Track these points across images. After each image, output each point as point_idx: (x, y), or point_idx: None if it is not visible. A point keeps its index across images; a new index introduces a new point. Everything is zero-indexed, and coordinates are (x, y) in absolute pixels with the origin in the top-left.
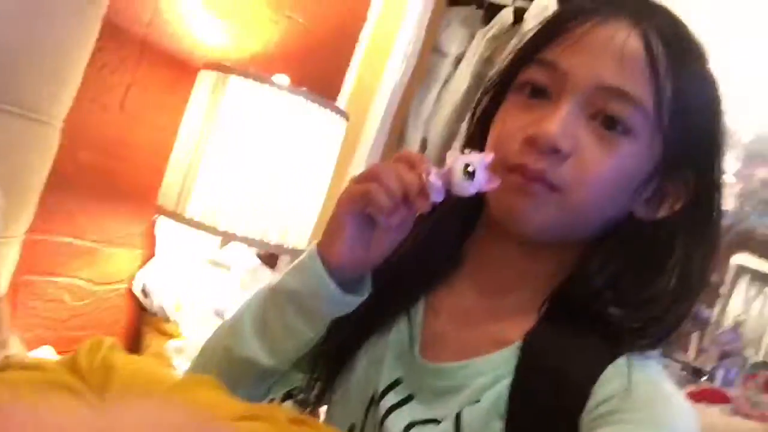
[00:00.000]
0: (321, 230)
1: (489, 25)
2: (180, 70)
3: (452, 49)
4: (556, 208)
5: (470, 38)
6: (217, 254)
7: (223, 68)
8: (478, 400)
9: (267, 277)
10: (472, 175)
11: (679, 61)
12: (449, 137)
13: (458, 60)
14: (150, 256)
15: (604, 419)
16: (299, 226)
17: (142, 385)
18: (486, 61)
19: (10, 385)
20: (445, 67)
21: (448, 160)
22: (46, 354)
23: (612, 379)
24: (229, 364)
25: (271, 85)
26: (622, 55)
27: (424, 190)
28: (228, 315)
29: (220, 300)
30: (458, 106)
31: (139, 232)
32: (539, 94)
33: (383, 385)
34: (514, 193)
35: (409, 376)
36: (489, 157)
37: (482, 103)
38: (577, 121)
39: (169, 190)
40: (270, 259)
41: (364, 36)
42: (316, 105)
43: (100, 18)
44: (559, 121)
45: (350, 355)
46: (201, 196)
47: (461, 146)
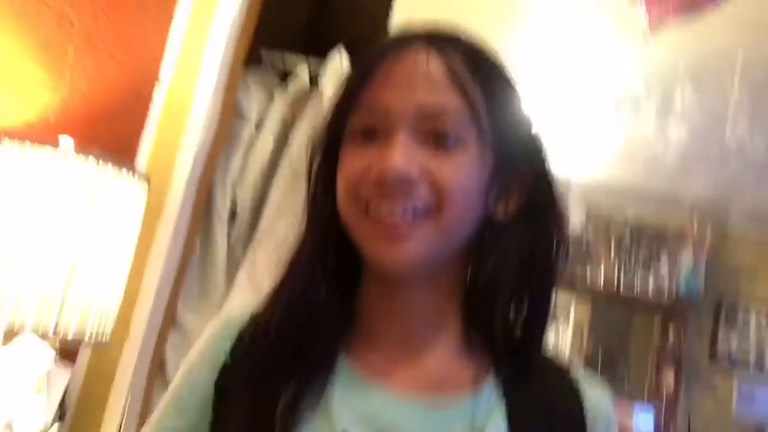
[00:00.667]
0: (127, 313)
1: (287, 87)
2: None
3: (252, 112)
4: (431, 230)
5: (269, 100)
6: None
7: None
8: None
9: (65, 378)
10: None
11: (481, 70)
12: (258, 201)
13: (259, 123)
14: None
15: None
16: (100, 310)
17: None
18: (287, 124)
19: None
20: (248, 130)
21: None
22: None
23: (591, 398)
24: None
25: (55, 148)
26: (428, 76)
27: None
28: (18, 427)
29: (10, 409)
30: (265, 169)
31: None
32: (370, 136)
33: None
34: (386, 243)
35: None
36: None
37: (315, 163)
38: (414, 148)
39: None
40: (69, 354)
41: (158, 98)
42: (109, 167)
43: None
44: (399, 153)
45: None
46: None
47: (305, 208)
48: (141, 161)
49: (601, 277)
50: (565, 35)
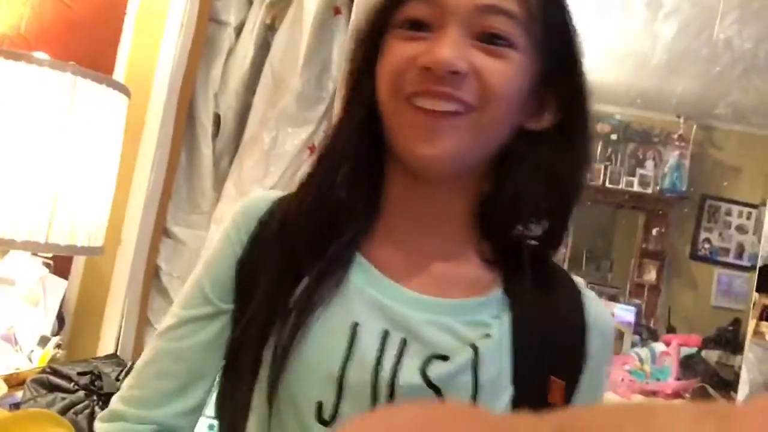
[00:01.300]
0: (117, 223)
1: None
2: None
3: (231, 18)
4: (470, 129)
5: (248, 5)
6: None
7: None
8: (488, 335)
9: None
10: None
11: None
12: (241, 110)
13: (239, 29)
14: None
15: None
16: (90, 220)
17: None
18: (267, 29)
19: None
20: (227, 37)
21: None
22: None
23: (593, 313)
24: None
25: (28, 62)
26: None
27: None
28: (20, 337)
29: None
30: (246, 77)
31: None
32: (420, 27)
33: (376, 345)
34: (424, 136)
35: (395, 322)
36: None
37: (358, 55)
38: (465, 44)
39: None
40: (62, 265)
41: (133, 8)
42: (88, 80)
43: None
44: (450, 46)
45: (296, 341)
46: None
47: (343, 98)
48: (119, 73)
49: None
50: None
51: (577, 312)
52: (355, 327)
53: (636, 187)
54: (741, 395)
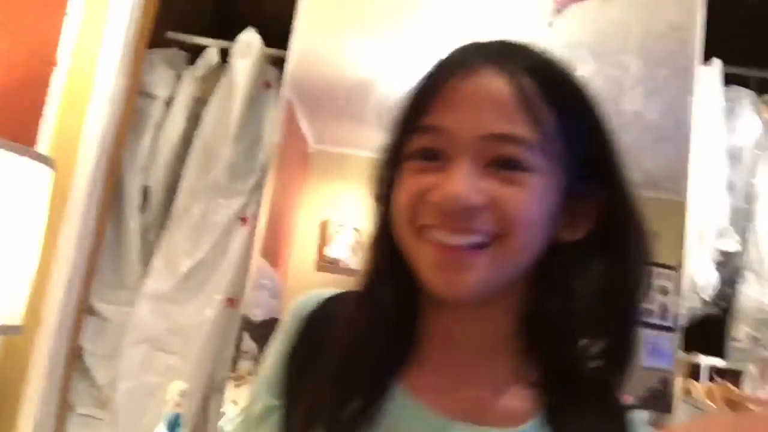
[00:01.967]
0: (37, 301)
1: (195, 66)
2: None
3: (160, 92)
4: (493, 260)
5: (177, 79)
6: None
7: None
8: None
9: None
10: None
11: (552, 91)
12: (171, 182)
13: (168, 102)
14: None
15: None
16: (9, 298)
17: None
18: (197, 102)
19: None
20: (156, 111)
21: None
22: None
23: None
24: None
25: None
26: (497, 102)
27: None
28: None
29: None
30: (175, 149)
31: None
32: (432, 157)
33: None
34: (445, 271)
35: None
36: None
37: (379, 181)
38: (477, 174)
39: None
40: None
41: (58, 79)
42: (10, 152)
43: None
44: (462, 179)
45: None
46: None
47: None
48: (43, 146)
49: None
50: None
51: None
52: None
53: None
54: None
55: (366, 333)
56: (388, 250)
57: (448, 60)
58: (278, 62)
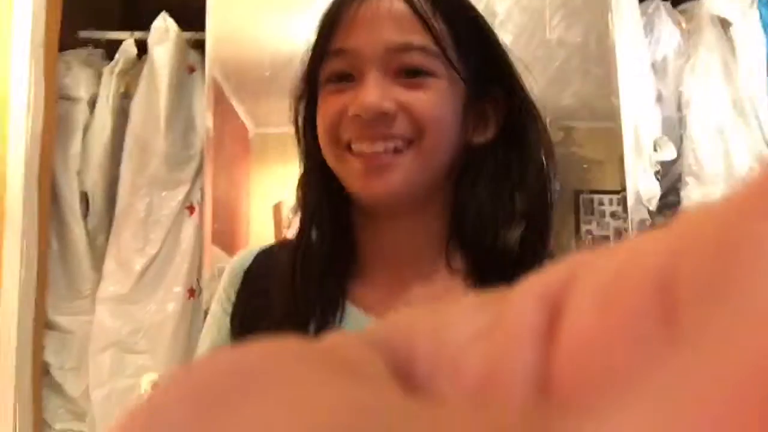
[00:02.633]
0: None
1: (114, 61)
2: None
3: (82, 93)
4: (413, 160)
5: (97, 78)
6: None
7: None
8: None
9: None
10: None
11: (441, 3)
12: (109, 183)
13: (92, 102)
14: None
15: None
16: None
17: None
18: (122, 97)
19: None
20: (81, 113)
21: None
22: None
23: None
24: None
25: None
26: (394, 17)
27: None
28: None
29: None
30: (108, 149)
31: None
32: (344, 79)
33: None
34: (369, 176)
35: None
36: None
37: (300, 111)
38: (387, 84)
39: None
40: None
41: None
42: None
43: None
44: (372, 90)
45: None
46: None
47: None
48: None
49: None
50: None
51: None
52: None
53: None
54: None
55: (310, 260)
56: (317, 171)
57: None
58: (198, 45)
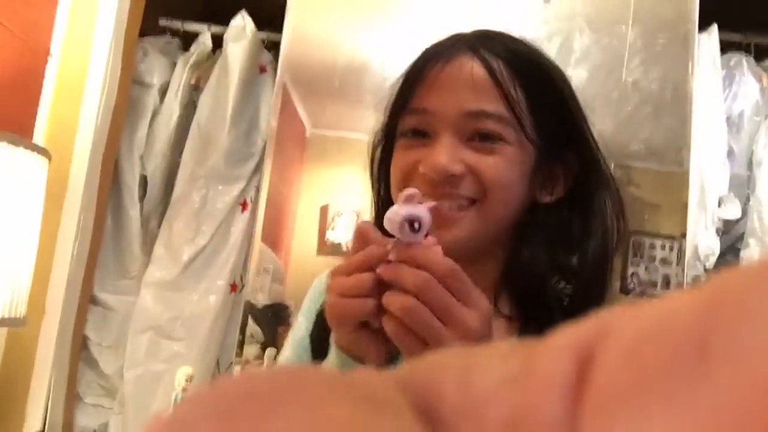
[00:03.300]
0: (40, 292)
1: (189, 52)
2: None
3: (155, 80)
4: (476, 218)
5: (171, 67)
6: None
7: None
8: None
9: None
10: (418, 228)
11: (521, 72)
12: (169, 170)
13: (163, 90)
14: None
15: None
16: (11, 290)
17: None
18: (192, 89)
19: None
20: (151, 99)
21: (387, 223)
22: None
23: None
24: None
25: None
26: (472, 83)
27: None
28: None
29: None
30: (172, 137)
31: None
32: (420, 135)
33: None
34: (431, 229)
35: None
36: (428, 207)
37: (375, 158)
38: (458, 147)
39: None
40: None
41: (52, 70)
42: (4, 143)
43: None
44: (443, 153)
45: None
46: None
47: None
48: (38, 137)
49: None
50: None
51: None
52: None
53: None
54: None
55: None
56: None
57: (431, 49)
58: (272, 46)
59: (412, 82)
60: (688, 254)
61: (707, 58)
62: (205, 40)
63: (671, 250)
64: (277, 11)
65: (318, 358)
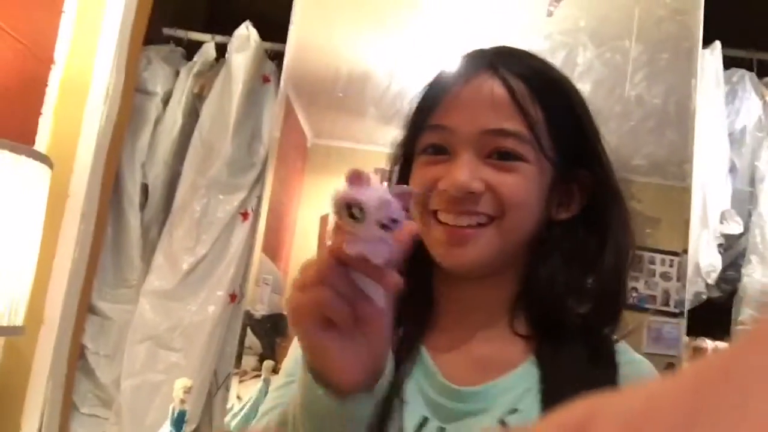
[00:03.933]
0: (39, 301)
1: (192, 62)
2: None
3: (158, 88)
4: (494, 236)
5: (175, 76)
6: None
7: None
8: (515, 410)
9: None
10: (360, 217)
11: (540, 91)
12: (170, 179)
13: (166, 99)
14: None
15: None
16: (9, 298)
17: None
18: (195, 98)
19: None
20: (154, 107)
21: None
22: None
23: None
24: None
25: None
26: (492, 102)
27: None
28: None
29: None
30: (174, 146)
31: None
32: (440, 151)
33: (411, 429)
34: (452, 246)
35: (436, 411)
36: (397, 193)
37: (395, 173)
38: (478, 164)
39: None
40: None
41: (55, 78)
42: (6, 151)
43: None
44: (463, 170)
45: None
46: None
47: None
48: (41, 145)
49: None
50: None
51: (610, 376)
52: (402, 405)
53: None
54: None
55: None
56: None
57: (451, 66)
58: (276, 56)
59: (433, 99)
60: (690, 270)
61: (710, 74)
62: (208, 50)
63: (671, 266)
64: (282, 22)
65: None
